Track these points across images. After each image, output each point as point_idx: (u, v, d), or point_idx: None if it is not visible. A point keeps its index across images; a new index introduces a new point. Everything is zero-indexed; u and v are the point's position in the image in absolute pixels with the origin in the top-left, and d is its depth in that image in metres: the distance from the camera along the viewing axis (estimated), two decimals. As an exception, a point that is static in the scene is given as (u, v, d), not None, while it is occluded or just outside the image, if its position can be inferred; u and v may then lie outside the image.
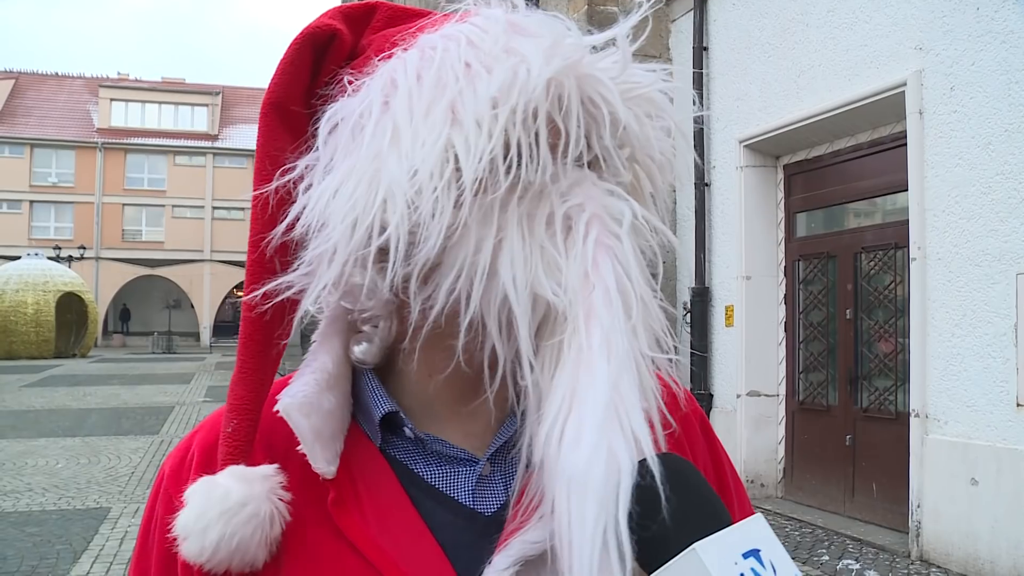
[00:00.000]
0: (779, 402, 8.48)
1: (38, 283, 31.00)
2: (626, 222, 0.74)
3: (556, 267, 0.72)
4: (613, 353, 0.68)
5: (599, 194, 0.75)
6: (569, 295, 0.71)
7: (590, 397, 0.67)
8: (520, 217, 0.73)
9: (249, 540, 0.75)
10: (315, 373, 0.81)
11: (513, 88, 0.72)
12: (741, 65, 8.46)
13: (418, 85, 0.75)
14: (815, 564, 6.29)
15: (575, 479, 0.65)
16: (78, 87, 47.38)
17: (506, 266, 0.72)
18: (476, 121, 0.71)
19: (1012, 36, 5.64)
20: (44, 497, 8.57)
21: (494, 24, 0.77)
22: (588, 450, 0.65)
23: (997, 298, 5.76)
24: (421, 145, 0.72)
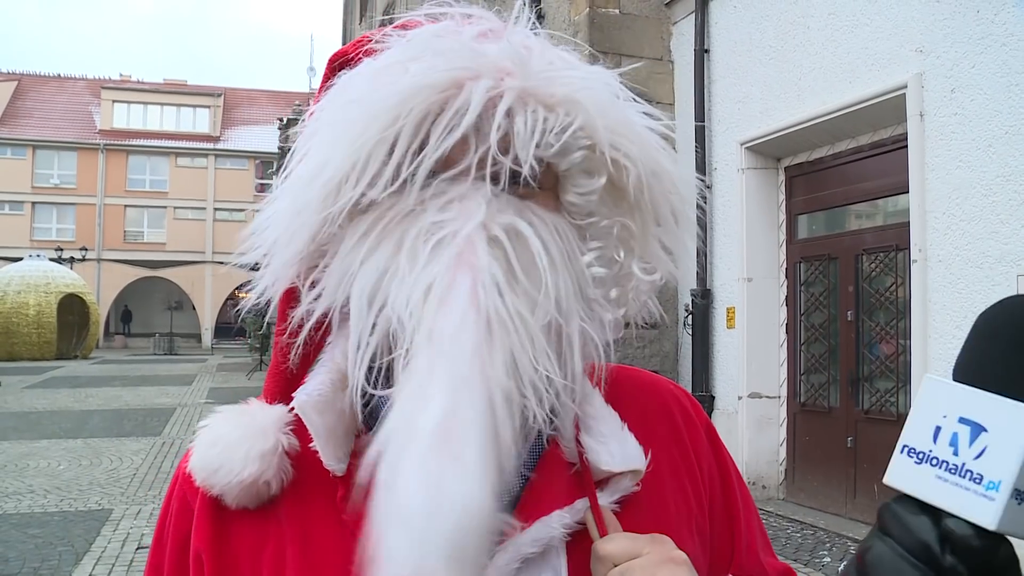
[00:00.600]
0: (780, 404, 8.48)
1: (40, 284, 31.05)
2: (500, 239, 0.73)
3: (399, 277, 0.72)
4: (455, 380, 0.67)
5: (479, 210, 0.73)
6: (411, 306, 0.71)
7: (421, 423, 0.66)
8: (392, 231, 0.75)
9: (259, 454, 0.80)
10: (330, 372, 0.84)
11: (387, 105, 0.75)
12: (742, 68, 8.47)
13: (318, 115, 0.82)
14: (817, 566, 6.29)
15: (392, 512, 0.65)
16: (80, 89, 47.44)
17: (361, 280, 0.75)
18: (351, 136, 0.75)
19: (1012, 39, 5.64)
20: (46, 499, 8.58)
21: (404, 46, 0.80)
22: (410, 481, 0.64)
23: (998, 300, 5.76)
24: (308, 161, 0.79)
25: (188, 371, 25.77)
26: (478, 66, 0.75)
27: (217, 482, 0.80)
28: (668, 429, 0.94)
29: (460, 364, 0.67)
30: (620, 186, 0.82)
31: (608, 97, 0.81)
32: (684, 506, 0.91)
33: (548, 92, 0.77)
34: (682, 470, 0.93)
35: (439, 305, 0.69)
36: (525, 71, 0.76)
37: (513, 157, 0.75)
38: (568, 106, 0.77)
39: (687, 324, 9.11)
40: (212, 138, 45.87)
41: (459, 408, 0.66)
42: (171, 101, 46.56)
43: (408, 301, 0.71)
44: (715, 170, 8.90)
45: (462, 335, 0.68)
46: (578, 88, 0.78)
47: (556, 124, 0.76)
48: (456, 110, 0.73)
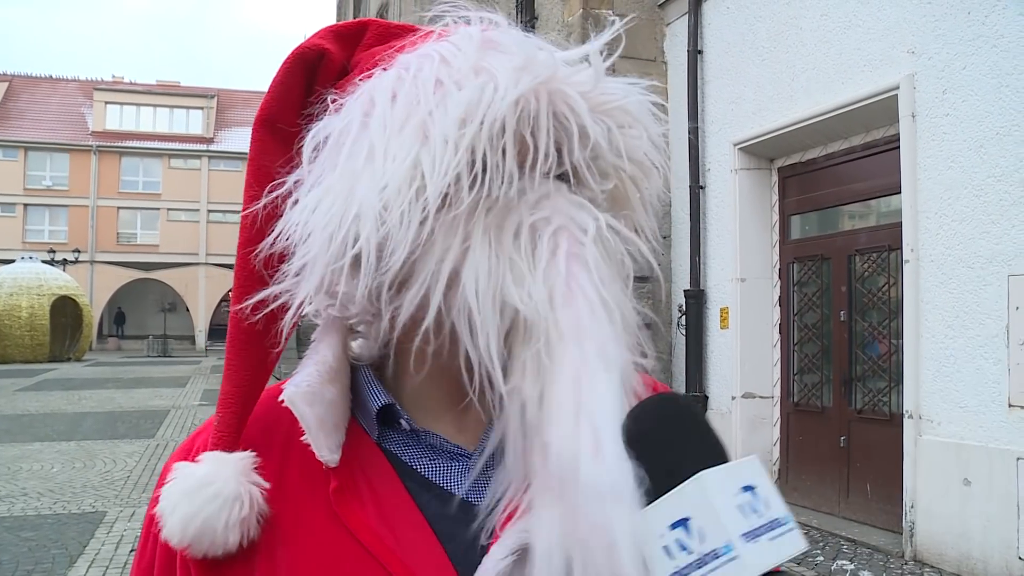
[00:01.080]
0: (774, 404, 8.51)
1: (32, 286, 30.93)
2: (591, 233, 0.75)
3: (523, 277, 0.73)
4: (612, 366, 0.70)
5: (567, 206, 0.76)
6: (539, 305, 0.72)
7: (601, 410, 0.68)
8: (487, 229, 0.75)
9: (215, 519, 0.78)
10: (318, 365, 0.84)
11: (480, 106, 0.74)
12: (735, 69, 8.49)
13: (392, 104, 0.78)
14: (810, 565, 6.31)
15: (606, 492, 0.66)
16: (72, 90, 47.28)
17: (470, 276, 0.74)
18: (443, 138, 0.74)
19: (1002, 40, 5.68)
20: (39, 502, 8.55)
21: (468, 42, 0.80)
22: (613, 462, 0.67)
23: (989, 300, 5.80)
24: (391, 161, 0.75)
25: (182, 373, 25.73)
26: (550, 75, 0.78)
27: (199, 552, 0.79)
28: None
29: (607, 347, 0.71)
30: (619, 189, 0.85)
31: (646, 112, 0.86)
32: None
33: (615, 105, 0.81)
34: None
35: (566, 301, 0.72)
36: (595, 76, 0.81)
37: (586, 163, 0.79)
38: (631, 120, 0.83)
39: (680, 324, 9.13)
40: (205, 139, 45.76)
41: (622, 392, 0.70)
42: (164, 102, 46.43)
43: (532, 296, 0.72)
44: (708, 171, 8.92)
45: (600, 324, 0.72)
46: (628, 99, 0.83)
47: (627, 137, 0.82)
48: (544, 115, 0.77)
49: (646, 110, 0.85)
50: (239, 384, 0.85)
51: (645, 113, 0.85)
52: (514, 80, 0.75)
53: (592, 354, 0.70)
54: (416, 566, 0.78)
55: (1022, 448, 5.55)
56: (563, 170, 0.79)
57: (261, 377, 0.86)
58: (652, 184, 0.87)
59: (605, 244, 0.77)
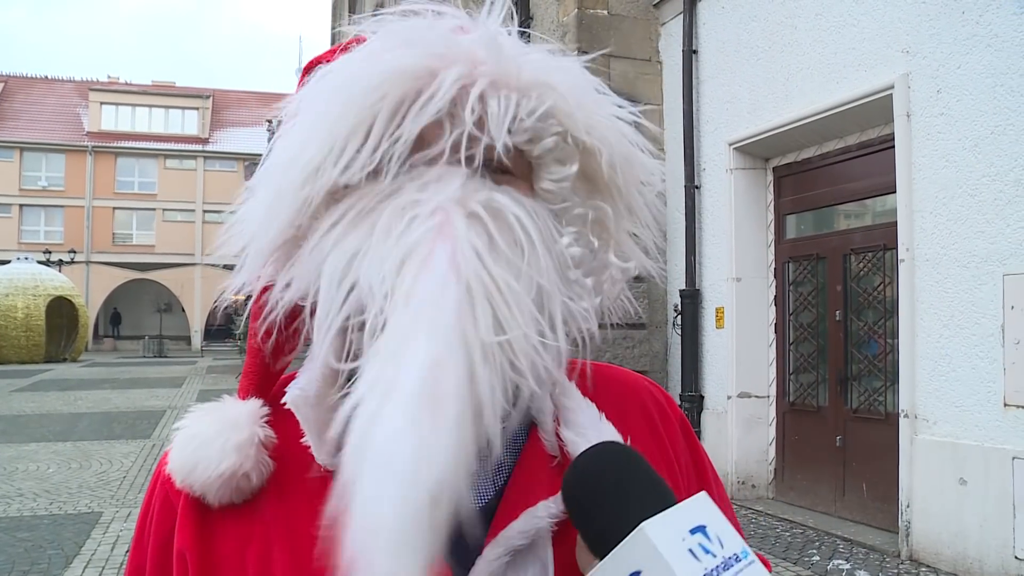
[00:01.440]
0: (770, 403, 8.52)
1: (28, 287, 30.89)
2: (474, 211, 0.73)
3: (378, 253, 0.72)
4: (437, 333, 0.66)
5: (454, 189, 0.75)
6: (386, 274, 0.71)
7: (404, 376, 0.65)
8: (368, 213, 0.76)
9: (211, 441, 0.81)
10: (320, 368, 0.84)
11: (364, 87, 0.76)
12: (730, 68, 8.50)
13: (300, 105, 0.82)
14: (806, 564, 6.32)
15: (377, 457, 0.64)
16: (68, 90, 47.22)
17: (333, 261, 0.75)
18: (331, 124, 0.77)
19: (997, 40, 5.69)
20: (35, 502, 8.54)
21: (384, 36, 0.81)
22: (392, 427, 0.64)
23: (984, 299, 5.81)
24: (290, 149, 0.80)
25: (178, 373, 25.68)
26: (452, 54, 0.77)
27: (196, 480, 0.81)
28: (644, 424, 0.95)
29: (442, 320, 0.67)
30: (592, 174, 0.84)
31: (581, 83, 0.83)
32: None
33: (520, 77, 0.79)
34: (660, 463, 0.93)
35: (417, 272, 0.69)
36: (498, 57, 0.78)
37: (487, 139, 0.77)
38: (540, 89, 0.79)
39: (676, 324, 9.14)
40: (201, 140, 45.73)
41: (443, 360, 0.66)
42: (159, 103, 46.40)
43: (381, 272, 0.71)
44: (703, 170, 8.93)
45: (443, 296, 0.68)
46: (550, 72, 0.80)
47: (528, 107, 0.78)
48: (430, 95, 0.75)
49: (576, 83, 0.83)
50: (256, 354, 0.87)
51: (579, 86, 0.83)
52: (395, 61, 0.77)
53: (423, 321, 0.67)
54: None
55: (1018, 447, 5.56)
56: (477, 155, 0.77)
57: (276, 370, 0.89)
58: (633, 169, 0.86)
59: (499, 227, 0.74)
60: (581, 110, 0.81)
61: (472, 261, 0.70)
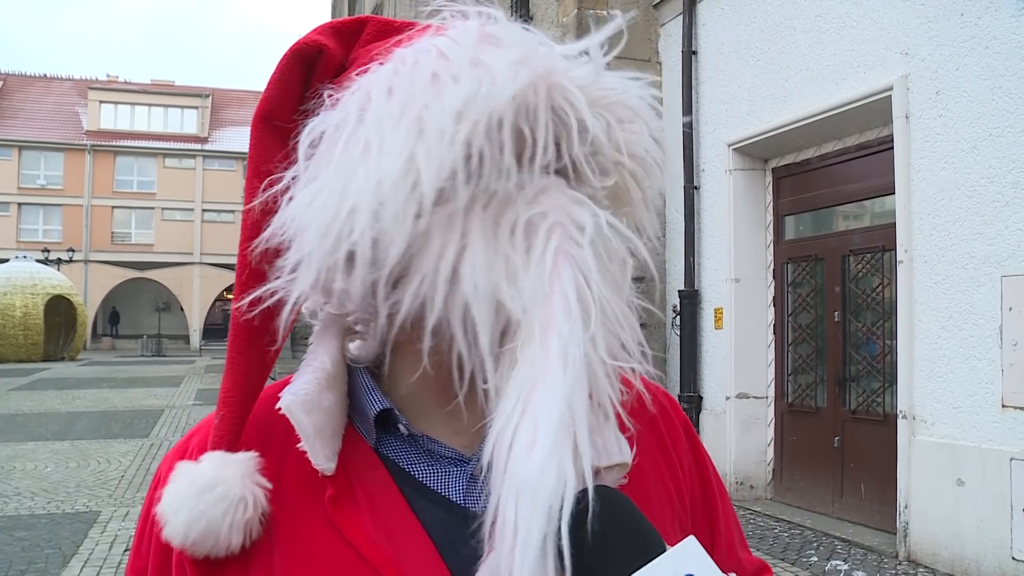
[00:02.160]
0: (768, 404, 8.52)
1: (26, 286, 30.87)
2: (588, 230, 0.74)
3: (515, 274, 0.73)
4: (570, 364, 0.69)
5: (564, 202, 0.75)
6: (526, 301, 0.72)
7: (545, 407, 0.68)
8: (484, 224, 0.74)
9: (219, 522, 0.77)
10: (315, 372, 0.84)
11: (476, 99, 0.73)
12: (730, 69, 8.51)
13: (388, 98, 0.77)
14: (804, 565, 6.32)
15: (525, 487, 0.66)
16: (67, 89, 47.20)
17: (468, 272, 0.73)
18: (439, 132, 0.73)
19: (995, 42, 5.69)
20: (33, 501, 8.54)
21: (465, 36, 0.79)
22: (541, 459, 0.66)
23: (982, 300, 5.81)
24: (387, 156, 0.74)
25: (176, 373, 25.68)
26: (549, 69, 0.77)
27: (202, 552, 0.79)
28: (648, 427, 0.95)
29: (572, 348, 0.70)
30: (617, 185, 0.84)
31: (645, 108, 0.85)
32: (667, 503, 0.91)
33: (614, 100, 0.81)
34: (663, 467, 0.94)
35: (548, 296, 0.71)
36: (594, 70, 0.80)
37: (586, 158, 0.79)
38: (631, 115, 0.82)
39: (675, 325, 9.14)
40: (200, 139, 45.71)
41: (575, 395, 0.69)
42: (158, 102, 46.38)
43: (520, 294, 0.72)
44: (703, 171, 8.94)
45: (572, 323, 0.70)
46: (635, 95, 0.83)
47: (627, 132, 0.82)
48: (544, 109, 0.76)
49: (646, 105, 0.84)
50: (239, 382, 0.84)
51: (645, 108, 0.84)
52: (512, 74, 0.74)
53: (554, 352, 0.69)
54: (413, 573, 0.77)
55: (1015, 448, 5.57)
56: (562, 165, 0.78)
57: (261, 375, 0.86)
58: (653, 181, 0.86)
59: (604, 242, 0.76)
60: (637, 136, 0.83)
61: (596, 284, 0.73)
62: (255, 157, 0.85)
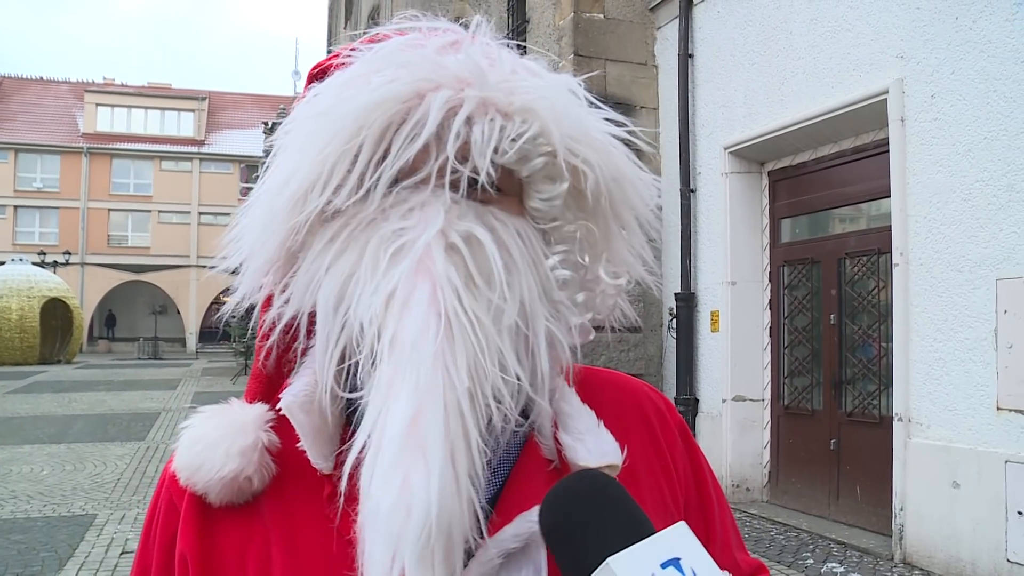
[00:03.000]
0: (764, 407, 8.53)
1: (23, 289, 30.82)
2: (460, 246, 0.75)
3: (366, 286, 0.75)
4: (419, 383, 0.70)
5: (436, 215, 0.76)
6: (375, 315, 0.74)
7: (388, 429, 0.70)
8: (358, 238, 0.78)
9: (216, 445, 0.82)
10: (314, 374, 0.85)
11: (336, 118, 0.78)
12: (726, 72, 8.52)
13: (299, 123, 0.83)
14: (800, 568, 6.33)
15: (371, 510, 0.69)
16: (63, 92, 47.14)
17: (325, 283, 0.78)
18: (320, 149, 0.78)
19: (990, 46, 5.71)
20: (29, 504, 8.52)
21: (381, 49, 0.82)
22: (380, 479, 0.69)
23: (978, 303, 5.83)
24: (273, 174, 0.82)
25: (173, 375, 25.64)
26: (439, 77, 0.78)
27: (200, 479, 0.82)
28: (642, 429, 0.95)
29: (423, 369, 0.70)
30: (582, 191, 0.84)
31: (567, 104, 0.83)
32: (661, 504, 0.92)
33: (506, 101, 0.79)
34: (657, 469, 0.94)
35: (400, 311, 0.72)
36: (484, 81, 0.79)
37: (472, 164, 0.78)
38: (525, 114, 0.79)
39: (671, 328, 9.15)
40: (197, 142, 45.68)
41: (422, 412, 0.69)
42: (155, 104, 46.33)
43: (370, 308, 0.74)
44: (699, 174, 8.95)
45: (423, 341, 0.71)
46: (536, 96, 0.80)
47: (513, 131, 0.78)
48: (417, 120, 0.76)
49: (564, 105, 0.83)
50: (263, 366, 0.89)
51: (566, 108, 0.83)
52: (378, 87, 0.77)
53: (404, 371, 0.71)
54: None
55: (1010, 451, 5.58)
56: (476, 176, 0.78)
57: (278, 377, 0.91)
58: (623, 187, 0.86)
59: (474, 257, 0.75)
60: (568, 131, 0.81)
61: (451, 298, 0.72)
62: None
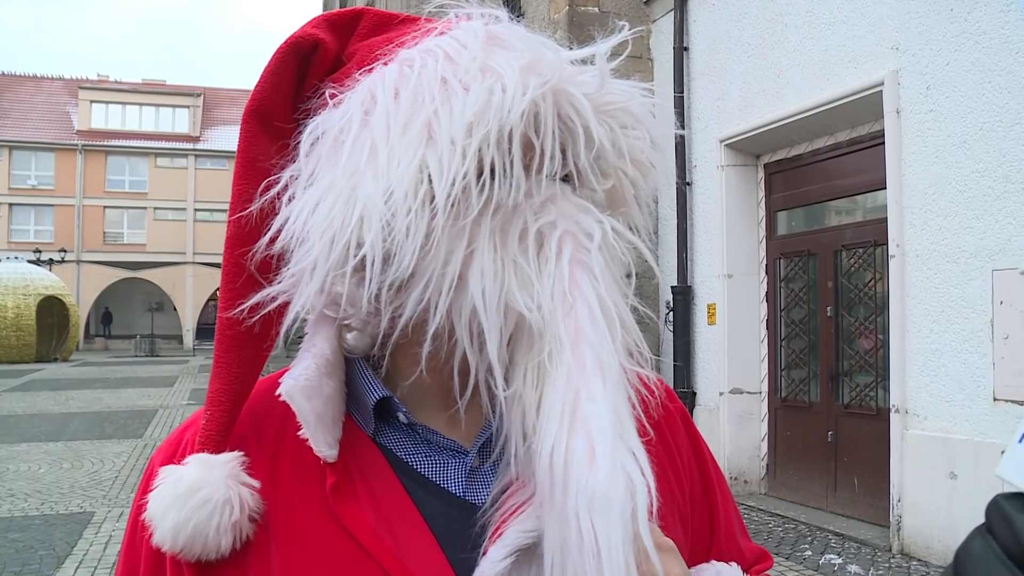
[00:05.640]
0: (761, 399, 8.54)
1: (18, 287, 30.74)
2: (597, 238, 0.75)
3: (529, 282, 0.73)
4: (608, 373, 0.71)
5: (572, 210, 0.76)
6: (545, 311, 0.73)
7: (595, 418, 0.69)
8: (492, 232, 0.74)
9: (206, 525, 0.76)
10: (315, 358, 0.82)
11: (488, 110, 0.73)
12: (721, 65, 8.51)
13: (395, 102, 0.75)
14: (798, 559, 6.34)
15: (597, 500, 0.67)
16: (57, 88, 47.01)
17: (476, 278, 0.73)
18: (451, 141, 0.72)
19: (984, 37, 5.71)
20: (27, 503, 8.51)
21: (472, 38, 0.78)
22: (606, 471, 0.68)
23: (974, 294, 5.83)
24: (396, 164, 0.73)
25: (170, 373, 25.60)
26: (558, 77, 0.76)
27: (192, 556, 0.78)
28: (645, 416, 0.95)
29: (605, 356, 0.71)
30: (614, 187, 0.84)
31: (647, 102, 0.85)
32: (667, 493, 0.91)
33: (619, 107, 0.81)
34: (663, 457, 0.93)
35: (568, 308, 0.73)
36: (601, 77, 0.80)
37: (590, 165, 0.79)
38: (635, 121, 0.82)
39: (668, 320, 9.15)
40: (192, 138, 45.59)
41: (618, 402, 0.71)
42: (150, 101, 46.23)
43: (536, 301, 0.73)
44: (695, 167, 8.95)
45: (600, 332, 0.72)
46: (638, 102, 0.82)
47: (627, 134, 0.81)
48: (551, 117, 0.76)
49: (647, 112, 0.84)
50: (229, 383, 0.82)
51: (647, 115, 0.84)
52: (522, 83, 0.74)
53: (590, 362, 0.71)
54: (414, 566, 0.77)
55: (1007, 441, 5.57)
56: (567, 171, 0.79)
57: (251, 376, 0.84)
58: (649, 183, 0.87)
59: (610, 249, 0.77)
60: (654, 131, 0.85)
61: (609, 288, 0.75)
62: (245, 152, 0.83)
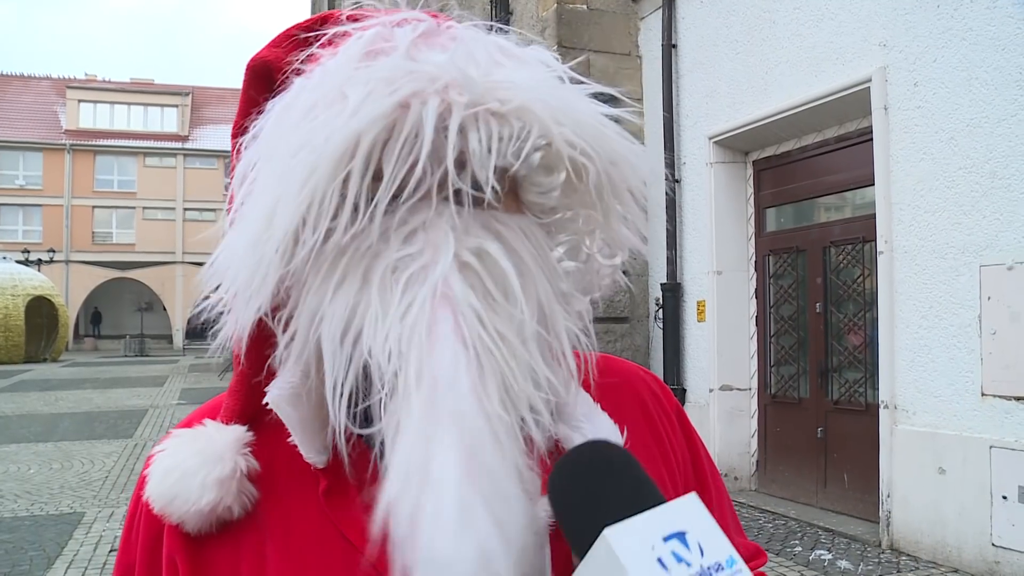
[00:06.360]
0: (751, 396, 8.57)
1: (7, 287, 30.62)
2: (472, 265, 0.70)
3: (380, 318, 0.69)
4: (466, 421, 0.65)
5: (442, 236, 0.70)
6: (396, 349, 0.68)
7: (443, 473, 0.63)
8: (359, 266, 0.71)
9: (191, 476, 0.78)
10: (301, 366, 0.81)
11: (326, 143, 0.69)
12: (709, 62, 8.53)
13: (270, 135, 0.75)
14: (788, 555, 6.37)
15: (443, 567, 0.61)
16: (45, 88, 46.79)
17: (329, 315, 0.71)
18: (295, 179, 0.70)
19: (971, 34, 5.74)
20: (16, 503, 8.48)
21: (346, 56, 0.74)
22: (453, 534, 0.62)
23: (962, 290, 5.86)
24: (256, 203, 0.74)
25: (159, 372, 25.53)
26: (421, 84, 0.71)
27: (174, 511, 0.78)
28: (639, 413, 0.94)
29: (461, 404, 0.65)
30: (579, 177, 0.78)
31: (558, 94, 0.77)
32: (661, 490, 0.91)
33: (497, 101, 0.73)
34: (656, 454, 0.93)
35: (426, 345, 0.67)
36: (471, 83, 0.72)
37: (471, 174, 0.72)
38: (521, 114, 0.73)
39: (658, 318, 9.17)
40: (180, 137, 45.45)
41: (476, 448, 0.64)
42: (138, 100, 46.07)
43: (387, 341, 0.68)
44: (684, 164, 8.96)
45: (456, 374, 0.66)
46: (528, 93, 0.74)
47: (510, 134, 0.73)
48: (406, 135, 0.70)
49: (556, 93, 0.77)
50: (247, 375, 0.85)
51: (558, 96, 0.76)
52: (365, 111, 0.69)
53: (445, 409, 0.65)
54: None
55: (995, 436, 5.63)
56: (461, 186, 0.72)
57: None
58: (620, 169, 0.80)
59: (490, 272, 0.71)
60: (565, 124, 0.75)
61: (474, 324, 0.68)
62: (232, 179, 0.82)
